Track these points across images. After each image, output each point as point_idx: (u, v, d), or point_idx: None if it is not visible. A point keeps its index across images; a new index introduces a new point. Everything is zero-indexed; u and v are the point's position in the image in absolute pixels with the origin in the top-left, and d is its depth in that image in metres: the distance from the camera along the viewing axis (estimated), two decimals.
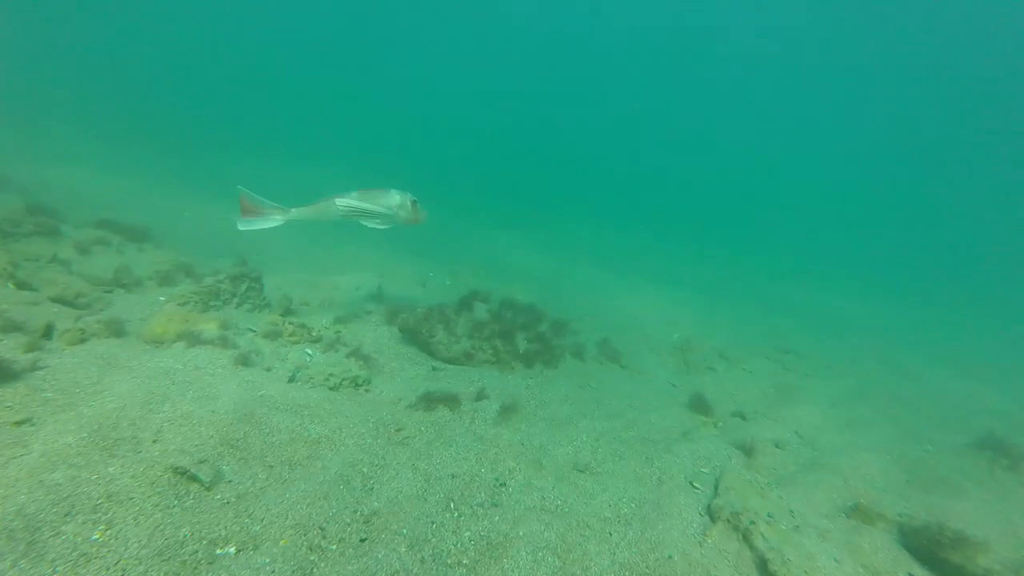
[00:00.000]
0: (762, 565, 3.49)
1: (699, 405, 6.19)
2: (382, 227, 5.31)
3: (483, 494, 3.84)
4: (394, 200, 5.20)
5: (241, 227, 5.16)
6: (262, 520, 3.15)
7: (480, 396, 5.29)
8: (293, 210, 5.14)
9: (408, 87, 54.87)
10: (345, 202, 5.08)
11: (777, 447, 5.54)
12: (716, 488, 4.35)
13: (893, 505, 4.71)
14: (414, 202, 5.25)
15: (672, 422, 5.67)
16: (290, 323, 5.80)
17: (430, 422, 4.77)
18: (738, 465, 4.87)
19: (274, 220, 5.14)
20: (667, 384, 6.97)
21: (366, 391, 5.26)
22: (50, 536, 2.68)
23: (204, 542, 2.90)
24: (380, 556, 3.06)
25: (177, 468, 3.30)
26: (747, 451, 5.12)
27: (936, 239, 34.63)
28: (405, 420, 4.68)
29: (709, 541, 3.67)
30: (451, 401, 5.12)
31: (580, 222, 21.43)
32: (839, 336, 11.47)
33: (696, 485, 4.42)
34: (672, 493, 4.25)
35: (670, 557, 3.47)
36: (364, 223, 5.28)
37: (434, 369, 6.00)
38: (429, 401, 5.08)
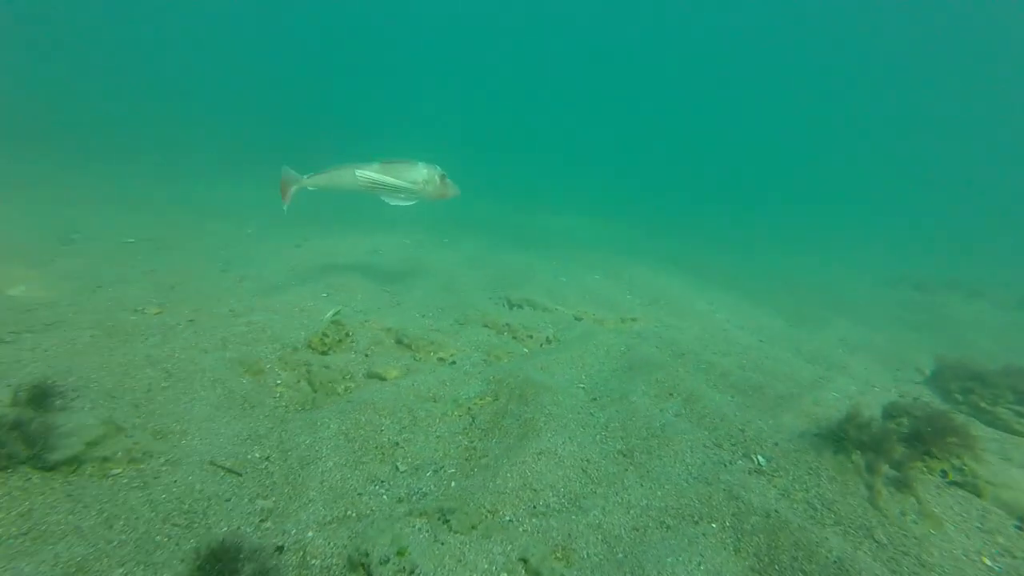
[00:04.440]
0: None
1: None
2: (406, 203, 4.55)
3: None
4: (420, 174, 4.47)
5: (285, 208, 4.77)
6: None
7: None
8: (306, 178, 4.57)
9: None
10: (364, 174, 4.37)
11: None
12: None
13: None
14: (443, 176, 4.53)
15: None
16: None
17: None
18: None
19: (293, 191, 4.63)
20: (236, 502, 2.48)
21: None
22: None
23: None
24: None
25: None
26: None
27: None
28: None
29: None
30: None
31: None
32: (580, 263, 8.65)
33: None
34: None
35: None
36: (385, 199, 4.52)
37: None
38: None
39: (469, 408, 3.48)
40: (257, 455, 2.78)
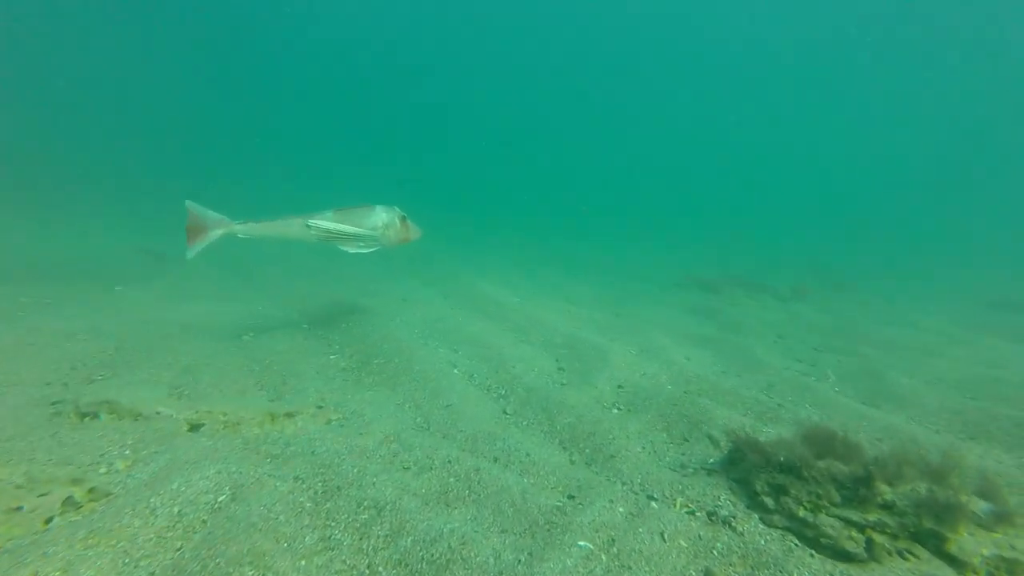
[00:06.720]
0: None
1: None
2: (366, 251, 4.17)
3: None
4: (379, 219, 4.10)
5: (190, 255, 3.96)
6: None
7: None
8: (238, 224, 3.98)
9: None
10: (317, 224, 3.89)
11: None
12: None
13: None
14: (403, 218, 4.19)
15: None
16: None
17: None
18: None
19: (214, 235, 3.98)
20: None
21: None
22: None
23: None
24: None
25: None
26: None
27: None
28: None
29: None
30: None
31: None
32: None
33: None
34: None
35: None
36: (342, 248, 4.11)
37: None
38: None
39: None
40: None
